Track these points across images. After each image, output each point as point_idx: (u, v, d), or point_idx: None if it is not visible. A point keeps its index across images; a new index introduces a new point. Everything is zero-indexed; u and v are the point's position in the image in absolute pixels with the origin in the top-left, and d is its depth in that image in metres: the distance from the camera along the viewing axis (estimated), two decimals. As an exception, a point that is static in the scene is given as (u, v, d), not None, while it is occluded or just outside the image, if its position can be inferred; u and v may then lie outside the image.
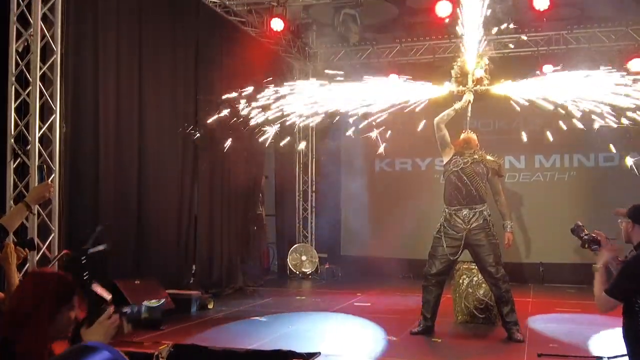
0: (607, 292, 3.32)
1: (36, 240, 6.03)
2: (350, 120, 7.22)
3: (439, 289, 6.66)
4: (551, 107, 6.41)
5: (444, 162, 6.78)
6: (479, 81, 6.54)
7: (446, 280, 6.81)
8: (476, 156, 6.63)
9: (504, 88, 6.59)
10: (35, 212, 5.95)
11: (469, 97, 6.54)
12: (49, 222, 6.47)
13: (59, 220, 6.56)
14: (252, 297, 9.62)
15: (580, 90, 6.20)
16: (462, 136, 6.69)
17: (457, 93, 6.62)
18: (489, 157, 6.75)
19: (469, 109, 6.60)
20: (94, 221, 7.25)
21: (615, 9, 10.44)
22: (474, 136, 6.71)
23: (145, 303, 6.75)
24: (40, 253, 6.36)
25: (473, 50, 6.44)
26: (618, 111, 6.17)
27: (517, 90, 6.54)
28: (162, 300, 7.02)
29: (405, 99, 6.65)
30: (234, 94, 7.20)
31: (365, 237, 12.10)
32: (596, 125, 6.30)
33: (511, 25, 9.31)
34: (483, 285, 7.17)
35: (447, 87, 6.65)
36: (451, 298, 7.63)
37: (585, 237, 3.69)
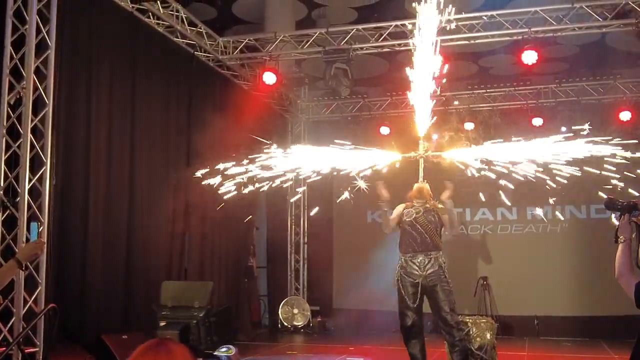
0: None
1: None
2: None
3: (421, 340, 6.61)
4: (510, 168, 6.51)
5: (394, 216, 6.79)
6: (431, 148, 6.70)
7: (422, 327, 6.73)
8: (428, 205, 6.70)
9: (457, 154, 6.70)
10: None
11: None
12: (36, 275, 6.36)
13: (47, 274, 6.45)
14: (243, 352, 9.42)
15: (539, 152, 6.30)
16: (416, 186, 6.76)
17: (410, 159, 6.73)
18: (440, 206, 6.81)
19: (421, 173, 6.68)
20: (82, 274, 7.17)
21: (602, 63, 10.69)
22: (426, 186, 6.78)
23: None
24: (27, 306, 6.25)
25: (425, 117, 6.53)
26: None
27: (473, 155, 6.62)
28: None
29: (365, 165, 6.82)
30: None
31: (357, 290, 11.96)
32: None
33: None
34: (478, 339, 7.07)
35: (397, 155, 6.80)
36: (445, 352, 7.49)
37: (623, 204, 3.49)
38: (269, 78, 9.78)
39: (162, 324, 6.30)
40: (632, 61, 10.93)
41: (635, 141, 6.36)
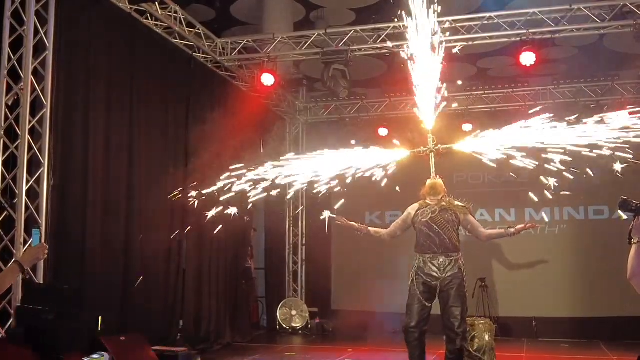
0: None
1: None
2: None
3: (422, 341, 6.44)
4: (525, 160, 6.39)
5: (412, 216, 6.60)
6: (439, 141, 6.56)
7: (427, 329, 6.56)
8: (444, 203, 6.40)
9: (468, 145, 6.53)
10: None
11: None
12: (34, 276, 6.35)
13: (45, 275, 6.44)
14: (241, 354, 9.41)
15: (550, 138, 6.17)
16: (428, 182, 6.50)
17: (420, 154, 6.57)
18: (457, 203, 6.58)
19: (433, 168, 6.52)
20: (80, 275, 7.14)
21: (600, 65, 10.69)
22: (440, 181, 6.46)
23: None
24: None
25: (430, 110, 6.41)
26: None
27: (483, 146, 6.47)
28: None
29: (372, 164, 6.61)
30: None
31: (356, 291, 11.95)
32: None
33: (459, 82, 9.54)
34: (476, 340, 7.05)
35: (406, 152, 6.62)
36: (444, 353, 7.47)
37: (637, 205, 3.47)
38: (267, 79, 9.78)
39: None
40: (630, 63, 10.94)
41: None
